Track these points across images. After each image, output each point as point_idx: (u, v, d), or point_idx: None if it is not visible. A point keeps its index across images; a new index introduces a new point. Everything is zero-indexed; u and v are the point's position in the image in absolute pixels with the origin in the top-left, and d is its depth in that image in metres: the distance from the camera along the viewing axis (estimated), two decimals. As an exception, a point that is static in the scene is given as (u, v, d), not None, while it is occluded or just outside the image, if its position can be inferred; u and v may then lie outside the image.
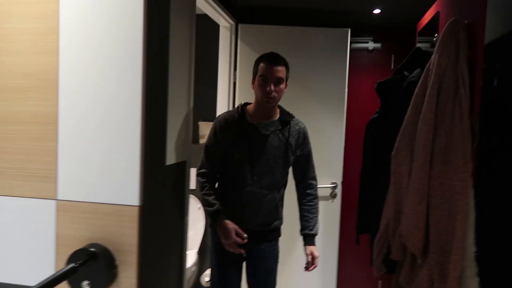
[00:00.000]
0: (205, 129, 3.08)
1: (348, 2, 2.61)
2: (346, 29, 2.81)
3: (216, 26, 2.80)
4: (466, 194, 1.19)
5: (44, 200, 1.00)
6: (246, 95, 2.76)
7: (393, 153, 1.43)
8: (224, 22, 2.74)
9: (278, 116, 1.82)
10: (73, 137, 0.98)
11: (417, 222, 1.29)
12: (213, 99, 2.87)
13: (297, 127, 1.83)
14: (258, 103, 1.79)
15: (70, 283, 0.96)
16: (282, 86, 1.75)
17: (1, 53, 1.00)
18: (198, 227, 2.94)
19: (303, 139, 1.84)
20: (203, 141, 3.07)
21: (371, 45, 3.20)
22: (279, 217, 1.89)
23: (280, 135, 1.78)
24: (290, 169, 1.91)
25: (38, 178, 1.00)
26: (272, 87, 1.71)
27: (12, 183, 1.00)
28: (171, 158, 1.22)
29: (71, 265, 0.91)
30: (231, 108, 2.85)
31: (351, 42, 3.02)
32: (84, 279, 0.94)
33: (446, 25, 1.32)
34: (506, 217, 1.29)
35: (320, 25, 2.90)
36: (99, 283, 0.95)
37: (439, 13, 1.71)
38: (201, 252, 3.10)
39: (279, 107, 1.87)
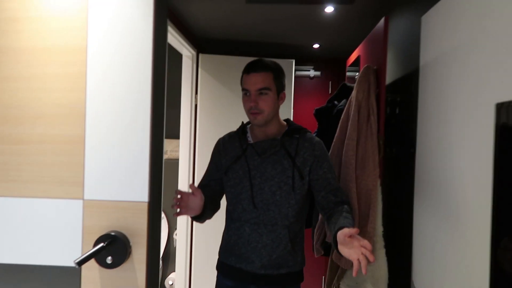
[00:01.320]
0: (167, 145, 3.43)
1: (293, 38, 3.13)
2: (291, 60, 3.32)
3: (180, 55, 3.19)
4: (375, 190, 1.68)
5: (74, 200, 1.34)
6: (206, 116, 3.18)
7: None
8: (186, 52, 3.13)
9: (284, 132, 1.53)
10: (96, 152, 1.34)
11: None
12: (176, 118, 3.24)
13: (307, 144, 1.49)
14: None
15: (97, 260, 1.30)
16: (270, 95, 1.46)
17: (43, 90, 1.34)
18: (162, 235, 3.26)
19: (315, 158, 1.48)
20: (165, 156, 3.41)
21: (312, 73, 3.75)
22: (294, 259, 1.51)
23: (284, 155, 1.47)
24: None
25: (69, 183, 1.34)
26: (255, 100, 1.45)
27: (50, 188, 1.33)
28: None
29: (101, 244, 1.26)
30: (192, 128, 3.25)
31: (296, 70, 3.56)
32: (108, 256, 1.30)
33: (362, 69, 1.84)
34: (400, 205, 1.81)
35: (269, 56, 3.39)
36: (118, 259, 1.30)
37: (360, 56, 2.25)
38: (164, 258, 3.42)
39: (288, 121, 1.60)
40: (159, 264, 1.48)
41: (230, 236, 1.54)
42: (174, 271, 3.27)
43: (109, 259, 1.29)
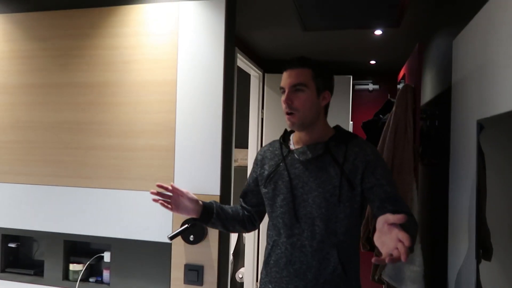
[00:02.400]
0: (237, 154, 3.89)
1: (350, 56, 3.43)
2: (349, 76, 3.61)
3: (248, 75, 3.65)
4: (411, 192, 1.93)
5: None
6: (271, 129, 3.59)
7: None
8: (253, 72, 3.58)
9: (330, 137, 1.34)
10: (182, 157, 1.80)
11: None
12: (245, 130, 3.69)
13: (356, 149, 1.30)
14: None
15: (183, 238, 1.75)
16: (307, 93, 1.29)
17: (145, 112, 1.83)
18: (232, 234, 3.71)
19: (367, 164, 1.28)
20: (235, 164, 3.87)
21: (371, 86, 4.00)
22: (347, 285, 1.30)
23: (330, 162, 1.29)
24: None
25: (163, 180, 1.81)
26: (289, 97, 1.29)
27: (150, 183, 1.82)
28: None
29: (186, 225, 1.70)
30: (259, 139, 3.68)
31: (355, 84, 3.84)
32: (190, 235, 1.74)
33: (401, 87, 2.11)
34: (434, 207, 2.03)
35: (328, 72, 3.71)
36: (198, 237, 1.74)
37: (405, 74, 2.50)
38: (235, 254, 3.85)
39: (337, 128, 1.40)
40: (229, 242, 1.89)
41: (270, 256, 1.37)
42: (244, 266, 3.69)
43: (191, 237, 1.73)
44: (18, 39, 2.00)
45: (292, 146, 1.40)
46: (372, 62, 3.58)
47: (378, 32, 2.67)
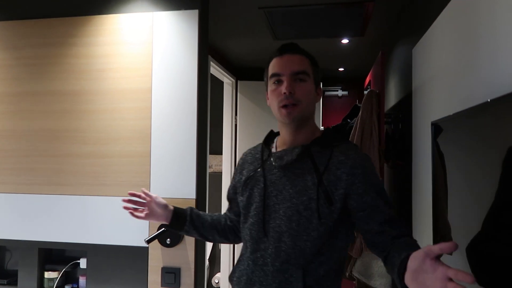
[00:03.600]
0: (212, 161, 3.95)
1: (319, 63, 3.56)
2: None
3: (221, 83, 3.72)
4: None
5: (143, 197, 1.84)
6: (245, 135, 3.67)
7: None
8: (227, 79, 3.65)
9: (313, 140, 1.15)
10: (158, 163, 1.84)
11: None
12: (219, 136, 3.75)
13: (342, 158, 1.10)
14: (279, 123, 1.20)
15: (160, 241, 1.79)
16: (309, 84, 1.13)
17: (121, 119, 1.87)
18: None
19: (354, 178, 1.07)
20: (210, 170, 3.92)
21: (340, 92, 4.15)
22: None
23: (310, 169, 1.11)
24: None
25: (139, 186, 1.84)
26: (291, 86, 1.10)
27: (125, 189, 1.85)
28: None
29: (162, 229, 1.74)
30: (233, 145, 3.75)
31: (325, 91, 3.98)
32: (167, 238, 1.78)
33: (366, 93, 2.23)
34: (400, 205, 2.15)
35: (299, 80, 3.83)
36: (175, 240, 1.78)
37: (370, 80, 2.64)
38: (211, 260, 3.89)
39: (326, 130, 1.22)
40: (205, 245, 1.94)
41: (234, 272, 1.21)
42: (220, 271, 3.73)
43: (168, 240, 1.78)
44: (-10, 48, 2.00)
45: (274, 149, 1.22)
46: (341, 69, 3.73)
47: (345, 40, 2.80)
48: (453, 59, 1.35)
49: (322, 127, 3.81)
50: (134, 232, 1.84)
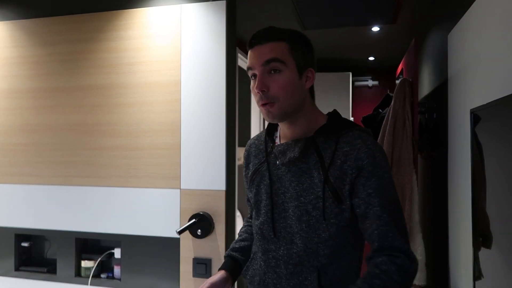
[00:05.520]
0: (240, 153, 3.95)
1: (349, 53, 3.49)
2: (348, 72, 3.67)
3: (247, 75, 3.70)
4: (410, 184, 1.99)
5: (173, 189, 1.86)
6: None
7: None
8: (255, 71, 3.63)
9: (318, 129, 1.04)
10: (188, 155, 1.86)
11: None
12: (247, 129, 3.74)
13: (347, 148, 0.99)
14: None
15: (191, 232, 1.81)
16: (285, 74, 0.98)
17: (151, 112, 1.90)
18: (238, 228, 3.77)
19: (359, 171, 0.96)
20: (238, 162, 3.92)
21: (370, 82, 4.06)
22: None
23: (315, 164, 1.01)
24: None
25: (170, 178, 1.87)
26: (262, 82, 0.98)
27: (156, 181, 1.88)
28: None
29: (193, 220, 1.76)
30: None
31: (354, 81, 3.90)
32: (198, 229, 1.79)
33: (399, 81, 2.16)
34: (434, 198, 2.08)
35: (328, 70, 3.77)
36: (205, 231, 1.80)
37: (402, 69, 2.55)
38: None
39: (331, 115, 1.08)
40: (234, 236, 1.95)
41: (247, 268, 1.15)
42: (249, 262, 3.74)
43: (199, 232, 1.79)
44: (26, 44, 2.06)
45: (278, 140, 1.11)
46: (371, 58, 3.64)
47: (375, 28, 2.72)
48: (493, 44, 1.28)
49: (352, 118, 3.74)
50: (166, 223, 1.87)
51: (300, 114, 1.04)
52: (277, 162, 1.06)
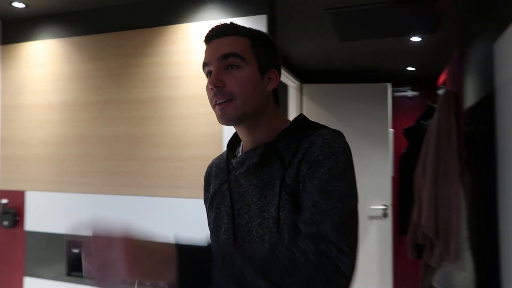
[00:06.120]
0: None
1: (387, 63, 3.45)
2: (386, 83, 3.62)
3: (286, 86, 3.74)
4: (457, 198, 1.92)
5: (216, 199, 1.90)
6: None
7: (414, 175, 2.20)
8: (291, 83, 3.66)
9: (279, 134, 0.90)
10: (230, 166, 1.89)
11: (430, 217, 2.03)
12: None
13: (306, 145, 0.84)
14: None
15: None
16: (245, 70, 0.87)
17: (194, 124, 1.95)
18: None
19: (310, 164, 0.81)
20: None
21: (410, 93, 3.97)
22: None
23: (279, 170, 0.85)
24: None
25: (212, 188, 1.91)
26: (218, 77, 0.86)
27: (198, 191, 1.91)
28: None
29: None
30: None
31: (393, 92, 3.84)
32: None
33: (442, 93, 2.11)
34: (482, 213, 2.00)
35: (366, 81, 3.73)
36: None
37: (445, 79, 2.49)
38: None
39: (296, 119, 0.94)
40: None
41: None
42: None
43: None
44: (78, 60, 2.19)
45: (240, 154, 0.95)
46: (410, 68, 3.58)
47: (415, 38, 2.69)
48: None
49: (392, 130, 3.67)
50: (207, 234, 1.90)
51: (261, 119, 0.90)
52: (236, 172, 0.91)
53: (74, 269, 2.16)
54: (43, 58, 2.25)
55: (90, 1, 2.08)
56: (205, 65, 0.91)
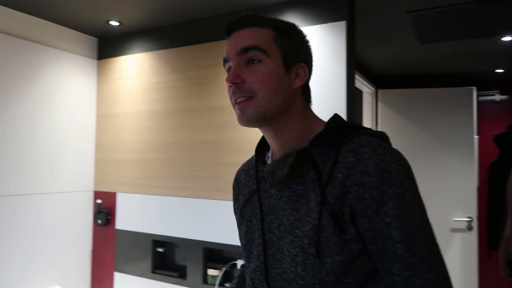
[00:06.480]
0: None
1: (472, 66, 3.23)
2: (471, 87, 3.39)
3: (360, 92, 3.66)
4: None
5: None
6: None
7: (507, 185, 2.03)
8: (366, 89, 3.57)
9: (313, 138, 0.79)
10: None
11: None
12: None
13: (351, 159, 0.73)
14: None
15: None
16: (267, 65, 0.78)
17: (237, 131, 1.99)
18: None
19: (365, 189, 0.70)
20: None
21: (497, 97, 3.68)
22: None
23: (314, 181, 0.76)
24: None
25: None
26: (236, 73, 0.78)
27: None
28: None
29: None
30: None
31: (478, 95, 3.59)
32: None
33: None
34: None
35: (449, 85, 3.53)
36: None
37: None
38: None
39: (331, 121, 0.83)
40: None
41: None
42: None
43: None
44: (164, 71, 2.35)
45: (269, 161, 0.88)
46: (499, 70, 3.32)
47: (507, 38, 2.49)
48: None
49: (477, 136, 3.42)
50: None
51: (288, 121, 0.80)
52: (266, 184, 0.83)
53: (158, 267, 2.30)
54: (134, 71, 2.44)
55: (176, 16, 2.23)
56: (225, 61, 0.82)
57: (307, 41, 0.85)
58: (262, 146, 0.91)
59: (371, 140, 0.74)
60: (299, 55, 0.82)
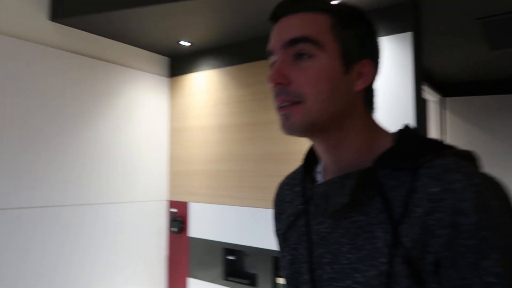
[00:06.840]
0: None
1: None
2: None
3: (424, 101, 3.56)
4: None
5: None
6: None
7: None
8: (431, 97, 3.48)
9: (379, 157, 0.62)
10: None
11: None
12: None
13: (436, 188, 0.55)
14: None
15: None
16: (319, 61, 0.62)
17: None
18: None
19: (454, 229, 0.52)
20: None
21: None
22: None
23: (380, 212, 0.59)
24: None
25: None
26: (280, 71, 0.62)
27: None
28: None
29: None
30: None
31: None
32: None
33: None
34: None
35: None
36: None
37: None
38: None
39: (400, 134, 0.66)
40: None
41: None
42: None
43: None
44: (232, 87, 2.48)
45: (319, 177, 0.72)
46: None
47: None
48: None
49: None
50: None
51: (346, 131, 0.65)
52: (323, 210, 0.65)
53: (229, 274, 2.40)
54: (203, 87, 2.60)
55: (241, 35, 2.35)
56: (269, 54, 0.67)
57: (374, 32, 0.67)
58: (310, 159, 0.74)
59: (461, 164, 0.57)
60: (363, 48, 0.65)
